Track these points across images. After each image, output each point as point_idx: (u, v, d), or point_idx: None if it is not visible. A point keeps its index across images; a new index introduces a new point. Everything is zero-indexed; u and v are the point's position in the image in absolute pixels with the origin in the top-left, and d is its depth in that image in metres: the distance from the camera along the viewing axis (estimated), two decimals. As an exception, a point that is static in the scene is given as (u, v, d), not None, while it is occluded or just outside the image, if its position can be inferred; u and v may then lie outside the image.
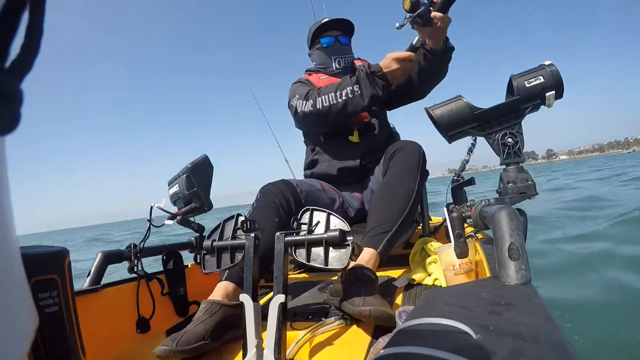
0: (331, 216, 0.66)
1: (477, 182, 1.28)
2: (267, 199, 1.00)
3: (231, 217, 0.74)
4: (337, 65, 1.32)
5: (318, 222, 0.66)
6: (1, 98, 0.15)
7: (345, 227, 0.63)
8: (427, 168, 1.03)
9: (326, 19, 1.34)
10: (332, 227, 0.64)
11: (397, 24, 0.99)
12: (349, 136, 1.23)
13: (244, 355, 0.56)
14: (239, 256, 0.68)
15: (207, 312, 0.75)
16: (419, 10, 0.94)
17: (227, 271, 0.82)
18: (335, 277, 1.13)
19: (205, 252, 0.71)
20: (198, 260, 0.74)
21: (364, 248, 0.85)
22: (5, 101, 0.15)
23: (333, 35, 1.32)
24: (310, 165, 1.31)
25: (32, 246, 0.50)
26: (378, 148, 1.20)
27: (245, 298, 0.59)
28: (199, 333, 0.69)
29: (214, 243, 0.70)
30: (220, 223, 0.75)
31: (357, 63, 1.34)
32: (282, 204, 0.99)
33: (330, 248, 0.61)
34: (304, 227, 0.66)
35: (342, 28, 1.33)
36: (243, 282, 0.66)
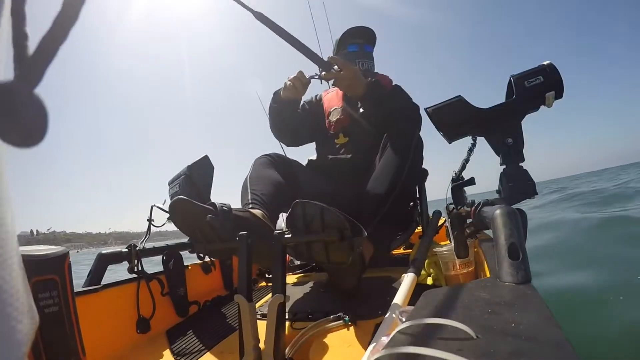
0: (325, 210, 0.60)
1: None
2: (261, 162, 1.15)
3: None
4: (360, 67, 1.41)
5: (313, 217, 0.61)
6: (14, 107, 0.14)
7: (343, 221, 0.61)
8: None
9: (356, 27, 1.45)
10: (328, 221, 0.60)
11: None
12: (335, 139, 1.35)
13: (241, 356, 0.56)
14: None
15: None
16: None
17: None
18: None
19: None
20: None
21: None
22: (19, 110, 0.14)
23: (358, 43, 1.44)
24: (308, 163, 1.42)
25: (32, 246, 0.50)
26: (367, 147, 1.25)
27: (239, 299, 0.59)
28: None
29: (207, 246, 0.70)
30: None
31: (378, 77, 1.42)
32: (275, 159, 1.17)
33: (329, 243, 0.60)
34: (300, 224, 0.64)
35: (366, 37, 1.45)
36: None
